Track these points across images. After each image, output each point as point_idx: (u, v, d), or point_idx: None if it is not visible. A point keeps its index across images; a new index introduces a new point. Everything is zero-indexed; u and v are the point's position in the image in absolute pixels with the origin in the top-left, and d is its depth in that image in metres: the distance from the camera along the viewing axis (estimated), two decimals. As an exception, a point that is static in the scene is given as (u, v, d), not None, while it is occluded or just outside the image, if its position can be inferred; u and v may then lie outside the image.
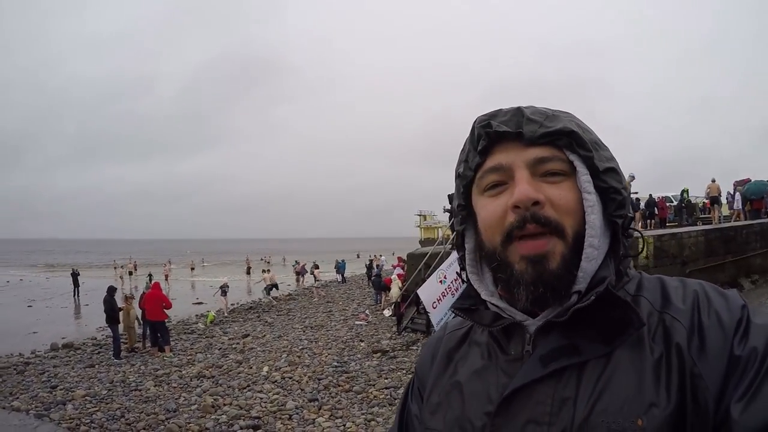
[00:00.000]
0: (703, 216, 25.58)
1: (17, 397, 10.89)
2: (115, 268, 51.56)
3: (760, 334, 0.78)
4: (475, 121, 0.95)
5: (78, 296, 30.82)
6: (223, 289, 23.40)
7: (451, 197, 1.04)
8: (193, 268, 50.92)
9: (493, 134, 0.91)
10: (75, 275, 32.49)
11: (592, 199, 0.87)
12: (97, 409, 9.93)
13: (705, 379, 0.76)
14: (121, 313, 15.45)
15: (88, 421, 9.28)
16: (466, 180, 0.96)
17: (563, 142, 0.89)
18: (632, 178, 18.98)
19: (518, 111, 0.91)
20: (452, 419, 0.94)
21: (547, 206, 0.86)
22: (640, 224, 18.03)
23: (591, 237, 0.86)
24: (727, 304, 0.83)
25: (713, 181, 23.48)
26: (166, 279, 40.20)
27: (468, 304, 1.00)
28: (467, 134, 0.98)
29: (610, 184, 0.89)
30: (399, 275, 21.85)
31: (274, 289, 27.04)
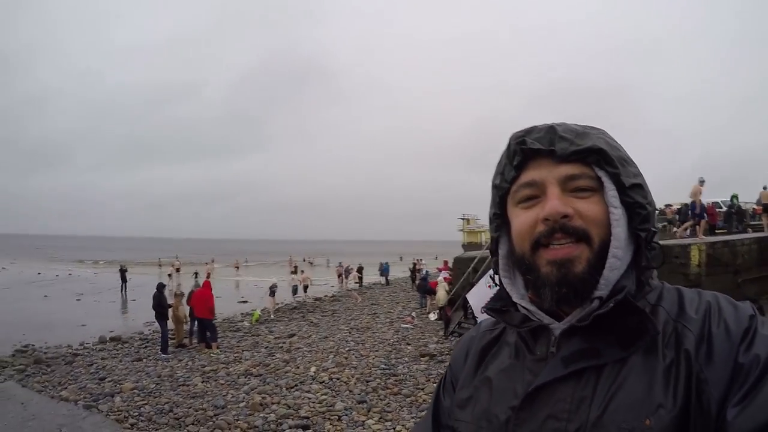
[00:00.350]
0: (753, 223, 24.48)
1: (66, 387, 10.88)
2: (159, 265, 52.29)
3: (765, 343, 0.82)
4: (510, 137, 1.01)
5: (125, 292, 31.22)
6: (272, 289, 23.31)
7: None
8: (237, 267, 50.95)
9: (527, 151, 0.97)
10: (123, 271, 32.94)
11: (618, 213, 0.93)
12: (145, 402, 9.80)
13: (710, 384, 0.81)
14: (170, 310, 15.42)
15: (137, 413, 9.15)
16: (502, 191, 1.03)
17: (592, 158, 0.94)
18: (702, 182, 18.37)
19: (551, 129, 0.97)
20: (480, 412, 1.01)
21: (576, 218, 0.92)
22: (701, 231, 17.32)
23: (615, 248, 0.92)
24: (736, 314, 0.88)
25: (765, 188, 22.27)
26: (208, 277, 40.53)
27: (500, 305, 1.07)
28: (504, 147, 1.04)
29: (635, 199, 0.95)
30: (446, 278, 21.46)
31: (304, 289, 27.18)
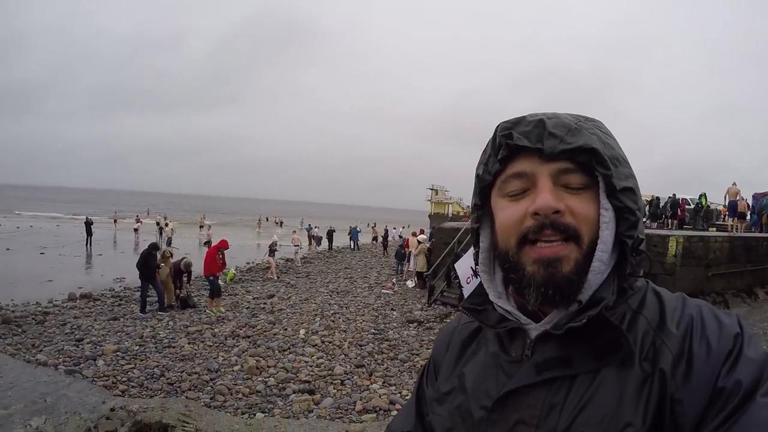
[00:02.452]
0: (717, 223, 24.74)
1: (41, 350, 10.08)
2: (114, 221, 50.20)
3: (748, 368, 0.77)
4: (497, 128, 0.95)
5: (90, 246, 30.17)
6: (272, 248, 22.54)
7: None
8: (202, 226, 49.57)
9: (513, 146, 0.90)
10: (88, 224, 31.57)
11: (608, 216, 0.87)
12: (132, 366, 9.13)
13: (685, 405, 0.77)
14: (158, 271, 14.57)
15: (125, 379, 8.50)
16: (484, 183, 0.96)
17: (583, 158, 0.87)
18: (734, 184, 19.24)
19: (540, 123, 0.89)
20: (455, 408, 0.99)
21: (567, 214, 0.86)
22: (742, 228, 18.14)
23: (601, 252, 0.87)
24: (720, 331, 0.82)
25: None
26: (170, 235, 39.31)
27: (479, 301, 1.01)
28: (491, 136, 0.97)
29: (625, 203, 0.88)
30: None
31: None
